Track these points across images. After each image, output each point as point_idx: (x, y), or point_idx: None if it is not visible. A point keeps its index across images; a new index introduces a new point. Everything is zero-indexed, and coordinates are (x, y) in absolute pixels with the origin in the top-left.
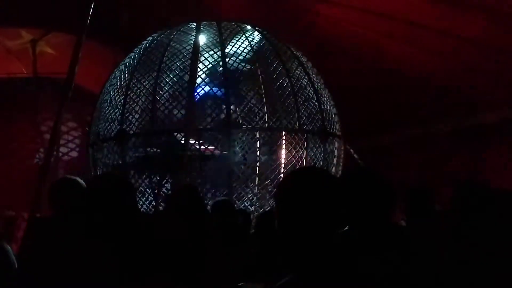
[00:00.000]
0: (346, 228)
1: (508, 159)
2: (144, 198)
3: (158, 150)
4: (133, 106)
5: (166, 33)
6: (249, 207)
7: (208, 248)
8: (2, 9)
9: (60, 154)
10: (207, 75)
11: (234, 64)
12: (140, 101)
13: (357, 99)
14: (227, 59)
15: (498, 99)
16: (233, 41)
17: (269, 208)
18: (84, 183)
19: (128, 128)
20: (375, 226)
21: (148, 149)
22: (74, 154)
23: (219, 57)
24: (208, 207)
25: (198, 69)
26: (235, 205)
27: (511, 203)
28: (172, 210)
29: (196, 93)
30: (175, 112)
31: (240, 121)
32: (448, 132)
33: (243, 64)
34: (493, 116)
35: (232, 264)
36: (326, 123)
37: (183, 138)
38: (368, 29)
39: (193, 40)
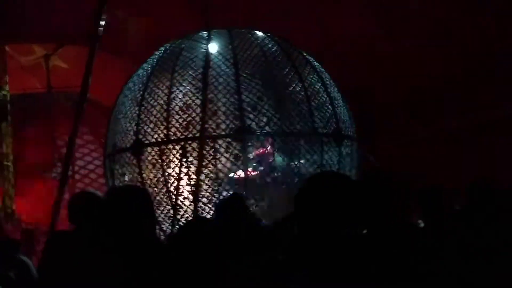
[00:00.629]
0: (364, 231)
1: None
2: (162, 208)
3: (174, 160)
4: (147, 116)
5: (177, 42)
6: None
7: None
8: (14, 26)
9: (77, 168)
10: (219, 83)
11: (246, 71)
12: (155, 110)
13: (371, 101)
14: (239, 66)
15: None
16: (244, 47)
17: (285, 214)
18: (102, 196)
19: (143, 138)
20: (391, 227)
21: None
22: (91, 167)
23: (231, 64)
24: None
25: (210, 77)
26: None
27: None
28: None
29: (209, 101)
30: (189, 121)
31: (255, 127)
32: (459, 129)
33: (255, 70)
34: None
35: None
36: (341, 126)
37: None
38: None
39: (205, 48)
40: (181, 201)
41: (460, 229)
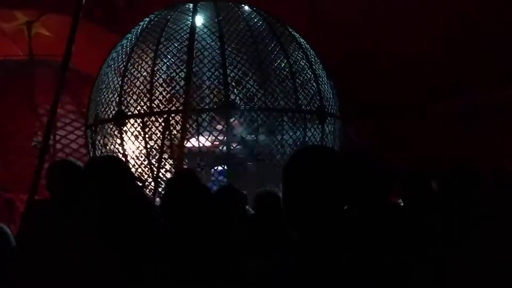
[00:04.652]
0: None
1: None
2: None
3: (157, 133)
4: (131, 87)
5: (163, 13)
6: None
7: (210, 231)
8: None
9: (58, 137)
10: (204, 56)
11: (231, 45)
12: (138, 82)
13: (355, 80)
14: (224, 40)
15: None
16: (230, 21)
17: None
18: (82, 165)
19: (126, 110)
20: (372, 207)
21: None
22: (72, 136)
23: (216, 37)
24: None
25: (196, 50)
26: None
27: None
28: (171, 195)
29: (193, 74)
30: (173, 93)
31: (238, 102)
32: (443, 113)
33: (241, 45)
34: (485, 98)
35: (233, 245)
36: (324, 104)
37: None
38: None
39: (190, 20)
40: (162, 174)
41: (448, 212)
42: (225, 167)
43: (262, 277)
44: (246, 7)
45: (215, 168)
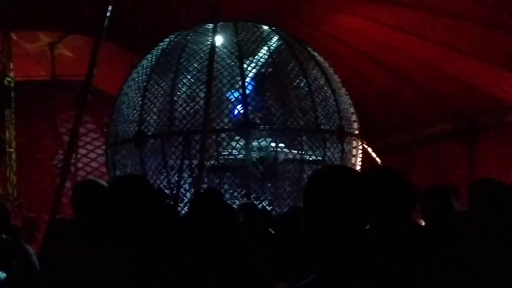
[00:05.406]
0: (367, 227)
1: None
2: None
3: (176, 152)
4: (151, 107)
5: (182, 34)
6: (267, 207)
7: (235, 249)
8: (21, 13)
9: (79, 156)
10: (224, 76)
11: (251, 65)
12: (158, 102)
13: (373, 99)
14: (244, 60)
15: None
16: (249, 41)
17: (288, 208)
18: (106, 184)
19: (146, 129)
20: (395, 225)
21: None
22: (92, 155)
23: (236, 57)
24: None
25: (215, 70)
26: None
27: None
28: (196, 214)
29: (213, 94)
30: (192, 113)
31: (258, 122)
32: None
33: (260, 65)
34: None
35: (258, 264)
36: (343, 123)
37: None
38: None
39: (210, 41)
40: (182, 193)
41: (474, 228)
42: None
43: None
44: (265, 27)
45: None
